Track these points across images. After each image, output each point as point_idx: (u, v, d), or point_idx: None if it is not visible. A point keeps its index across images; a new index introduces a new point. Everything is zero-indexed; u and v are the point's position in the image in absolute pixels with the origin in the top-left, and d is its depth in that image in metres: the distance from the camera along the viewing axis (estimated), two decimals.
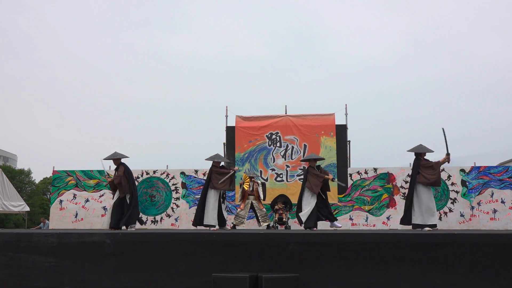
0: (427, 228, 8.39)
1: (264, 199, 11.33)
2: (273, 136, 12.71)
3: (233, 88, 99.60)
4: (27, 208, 17.14)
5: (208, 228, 8.86)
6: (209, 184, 9.12)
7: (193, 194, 12.65)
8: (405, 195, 11.85)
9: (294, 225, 10.91)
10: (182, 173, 12.78)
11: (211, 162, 9.36)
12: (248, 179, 11.14)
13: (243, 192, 11.03)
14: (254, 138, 12.73)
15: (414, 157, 8.86)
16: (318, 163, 9.69)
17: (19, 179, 40.14)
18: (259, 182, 11.43)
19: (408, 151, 9.01)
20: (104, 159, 9.27)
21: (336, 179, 9.63)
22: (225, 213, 9.26)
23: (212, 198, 9.03)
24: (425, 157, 8.81)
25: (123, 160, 9.23)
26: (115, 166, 9.15)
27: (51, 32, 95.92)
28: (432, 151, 8.85)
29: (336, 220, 9.32)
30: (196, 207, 12.46)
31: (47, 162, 76.51)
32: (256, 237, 5.45)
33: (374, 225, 11.89)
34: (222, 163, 9.60)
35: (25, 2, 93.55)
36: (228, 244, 5.39)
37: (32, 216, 33.39)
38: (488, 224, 11.46)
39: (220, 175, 9.11)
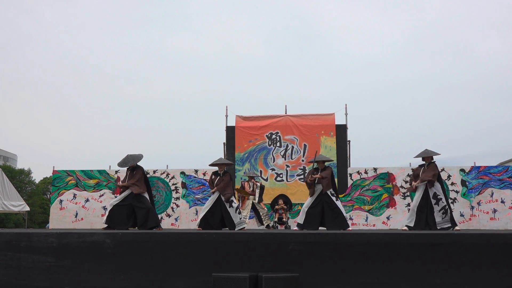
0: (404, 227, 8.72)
1: (259, 202, 11.33)
2: (273, 136, 12.72)
3: (233, 88, 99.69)
4: (27, 208, 17.14)
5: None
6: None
7: (193, 194, 12.65)
8: (406, 195, 11.88)
9: (294, 225, 10.92)
10: (182, 173, 12.79)
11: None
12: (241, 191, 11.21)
13: (241, 192, 11.10)
14: (254, 138, 12.74)
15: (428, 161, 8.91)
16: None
17: (19, 179, 40.16)
18: (258, 184, 11.44)
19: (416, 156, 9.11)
20: (119, 165, 8.89)
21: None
22: (235, 216, 8.95)
23: (208, 200, 9.23)
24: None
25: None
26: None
27: (51, 31, 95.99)
28: (438, 154, 8.91)
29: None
30: (196, 207, 12.57)
31: (47, 162, 76.70)
32: (256, 237, 5.45)
33: (374, 225, 11.90)
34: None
35: (25, 2, 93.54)
36: (228, 244, 5.39)
37: (32, 216, 33.40)
38: (488, 224, 11.47)
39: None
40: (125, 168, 9.03)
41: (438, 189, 8.60)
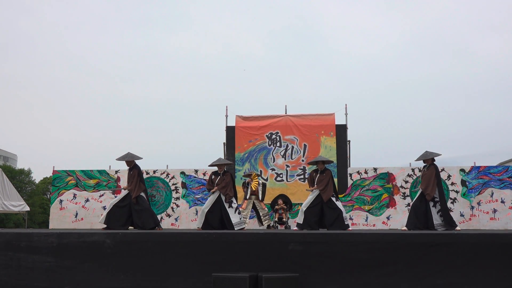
0: (404, 228, 8.68)
1: (262, 200, 11.35)
2: (273, 136, 12.72)
3: (233, 88, 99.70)
4: (27, 208, 17.11)
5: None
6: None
7: (193, 194, 12.65)
8: (406, 195, 11.88)
9: (294, 225, 10.93)
10: (182, 173, 12.79)
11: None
12: (256, 178, 11.18)
13: (247, 191, 11.07)
14: (254, 138, 12.74)
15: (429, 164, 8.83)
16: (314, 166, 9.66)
17: (19, 179, 40.12)
18: (259, 182, 11.45)
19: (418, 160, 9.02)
20: (117, 159, 9.15)
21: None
22: (234, 216, 8.87)
23: (208, 200, 9.18)
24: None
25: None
26: (128, 167, 9.08)
27: (51, 31, 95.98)
28: (439, 154, 8.84)
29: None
30: (196, 207, 12.58)
31: (47, 162, 76.59)
32: (256, 237, 5.45)
33: (374, 225, 11.90)
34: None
35: (25, 2, 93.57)
36: (228, 244, 5.39)
37: (32, 216, 33.38)
38: (488, 224, 11.47)
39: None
40: (126, 168, 9.23)
41: (436, 192, 8.59)
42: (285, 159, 12.55)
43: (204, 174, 12.58)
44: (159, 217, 11.59)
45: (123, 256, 5.44)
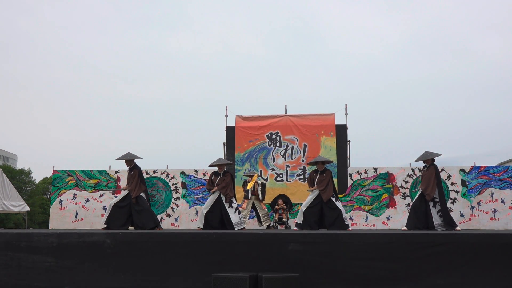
0: (404, 228, 8.66)
1: (263, 200, 11.36)
2: (273, 136, 12.71)
3: (233, 88, 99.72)
4: (27, 208, 17.11)
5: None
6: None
7: (193, 194, 12.65)
8: (406, 195, 11.88)
9: (294, 225, 10.92)
10: (182, 173, 12.78)
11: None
12: (255, 179, 11.17)
13: (247, 191, 11.06)
14: (254, 138, 12.73)
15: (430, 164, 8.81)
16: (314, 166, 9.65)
17: (19, 179, 40.13)
18: (259, 182, 11.46)
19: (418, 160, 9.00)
20: (117, 159, 9.18)
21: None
22: (234, 216, 8.85)
23: (208, 200, 9.17)
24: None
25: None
26: (128, 167, 9.10)
27: (51, 31, 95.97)
28: (439, 155, 8.81)
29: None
30: (196, 207, 12.58)
31: (47, 162, 76.59)
32: (256, 237, 5.46)
33: (374, 225, 11.89)
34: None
35: (25, 2, 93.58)
36: (228, 244, 5.39)
37: (32, 216, 33.39)
38: (488, 224, 11.47)
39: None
40: (126, 168, 9.26)
41: (436, 192, 8.57)
42: (285, 159, 12.55)
43: (204, 174, 12.58)
44: (159, 217, 11.58)
45: (123, 256, 5.44)
